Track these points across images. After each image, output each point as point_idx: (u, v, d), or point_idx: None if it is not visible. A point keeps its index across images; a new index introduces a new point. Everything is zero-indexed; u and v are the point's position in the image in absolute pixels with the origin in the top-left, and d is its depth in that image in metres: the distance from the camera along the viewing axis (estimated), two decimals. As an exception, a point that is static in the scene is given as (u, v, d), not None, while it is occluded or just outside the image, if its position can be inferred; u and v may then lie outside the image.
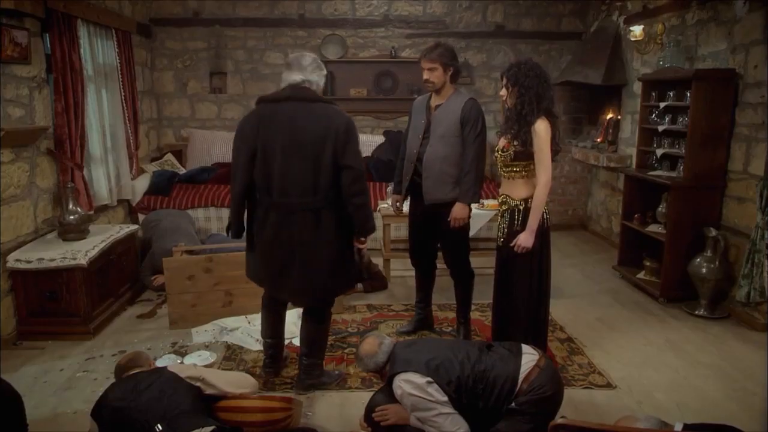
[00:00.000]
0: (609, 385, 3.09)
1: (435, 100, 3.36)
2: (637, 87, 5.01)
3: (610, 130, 5.72)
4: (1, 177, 3.46)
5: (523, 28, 6.33)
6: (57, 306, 3.59)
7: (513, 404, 2.35)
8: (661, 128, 4.47)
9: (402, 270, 4.73)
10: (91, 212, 4.30)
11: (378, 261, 4.70)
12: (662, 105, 4.46)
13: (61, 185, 4.06)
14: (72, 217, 3.85)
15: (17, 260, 3.49)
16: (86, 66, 4.37)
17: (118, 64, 4.96)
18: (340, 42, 6.23)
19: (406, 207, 3.70)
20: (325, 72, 2.92)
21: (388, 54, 6.26)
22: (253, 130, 2.74)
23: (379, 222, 4.96)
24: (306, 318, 3.00)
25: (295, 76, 2.76)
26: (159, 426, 2.11)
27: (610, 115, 5.85)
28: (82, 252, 3.60)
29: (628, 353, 3.48)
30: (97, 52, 4.61)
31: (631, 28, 4.92)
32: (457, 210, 3.26)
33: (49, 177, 4.00)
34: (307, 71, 2.79)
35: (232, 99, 6.35)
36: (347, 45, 6.26)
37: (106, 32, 4.77)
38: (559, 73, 6.02)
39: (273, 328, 3.13)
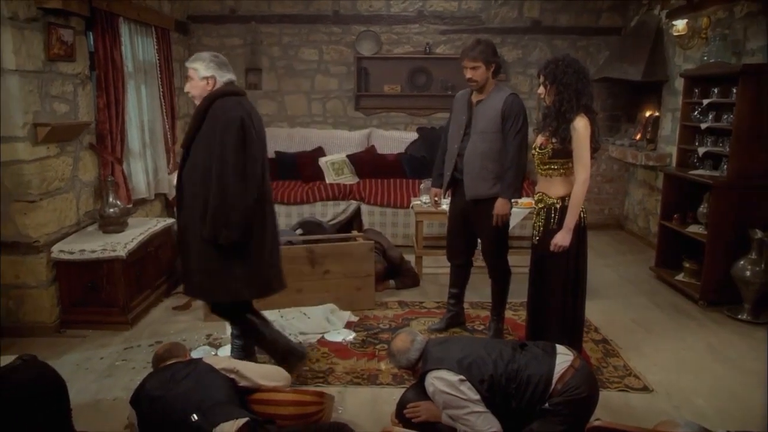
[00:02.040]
0: (645, 389, 3.02)
1: (476, 96, 3.35)
2: (679, 83, 4.87)
3: (649, 128, 5.58)
4: (48, 170, 3.58)
5: (560, 23, 6.22)
6: (97, 296, 3.69)
7: (546, 405, 2.32)
8: (704, 126, 4.33)
9: (434, 267, 4.71)
10: (130, 205, 4.40)
11: (410, 258, 4.69)
12: (706, 102, 4.32)
13: (101, 179, 4.17)
14: (112, 210, 3.95)
15: (61, 251, 3.60)
16: (127, 63, 4.47)
17: (157, 61, 5.06)
18: (375, 38, 6.23)
19: (444, 204, 3.69)
20: None
21: (422, 50, 6.24)
22: (251, 122, 2.71)
23: (411, 219, 4.98)
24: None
25: (232, 74, 2.82)
26: (195, 416, 2.15)
27: (649, 113, 5.70)
28: (122, 244, 3.70)
29: (666, 357, 3.39)
30: (137, 49, 4.71)
31: (674, 23, 4.77)
32: (499, 206, 3.25)
33: (91, 171, 4.12)
34: (233, 71, 2.87)
35: (267, 95, 6.42)
36: (381, 41, 6.25)
37: (146, 30, 4.87)
38: (596, 70, 5.90)
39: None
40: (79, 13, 3.76)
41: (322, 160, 5.80)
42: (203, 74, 2.71)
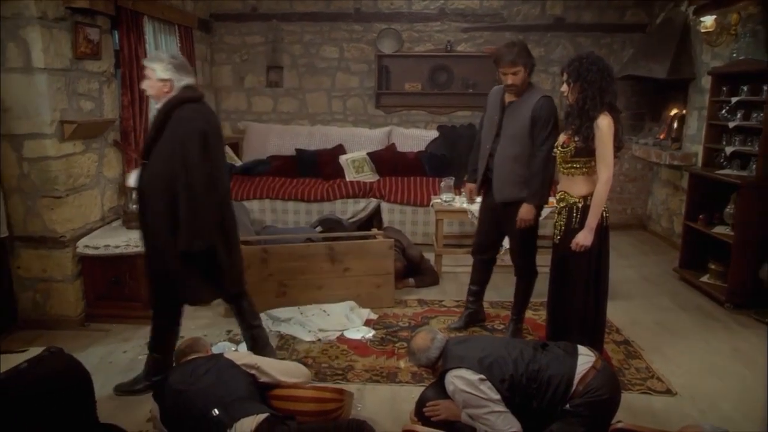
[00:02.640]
0: (669, 392, 2.98)
1: (509, 97, 3.26)
2: (706, 81, 4.78)
3: (674, 127, 5.48)
4: (74, 167, 3.64)
5: (583, 20, 6.14)
6: (121, 291, 3.74)
7: (567, 406, 2.30)
8: (732, 124, 4.24)
9: (453, 266, 4.70)
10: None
11: (430, 256, 4.68)
12: (734, 100, 4.23)
13: (125, 175, 4.23)
14: (135, 206, 4.00)
15: (86, 246, 3.66)
16: (151, 61, 4.53)
17: (181, 59, 5.11)
18: (396, 36, 6.22)
19: (477, 199, 3.70)
20: None
21: (443, 48, 6.21)
22: (212, 130, 2.72)
23: (431, 218, 4.96)
24: None
25: (191, 77, 2.79)
26: (216, 410, 2.17)
27: (674, 111, 5.60)
28: (145, 240, 3.74)
29: (690, 359, 3.33)
30: (161, 47, 4.76)
31: (702, 19, 4.68)
32: (524, 211, 3.21)
33: (115, 167, 4.18)
34: (193, 74, 2.86)
35: (288, 93, 6.45)
36: (402, 39, 6.24)
37: (169, 28, 4.92)
38: (620, 68, 5.81)
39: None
40: (105, 12, 3.82)
41: (342, 158, 5.81)
42: (160, 76, 2.69)
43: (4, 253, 3.55)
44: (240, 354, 2.75)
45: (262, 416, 2.16)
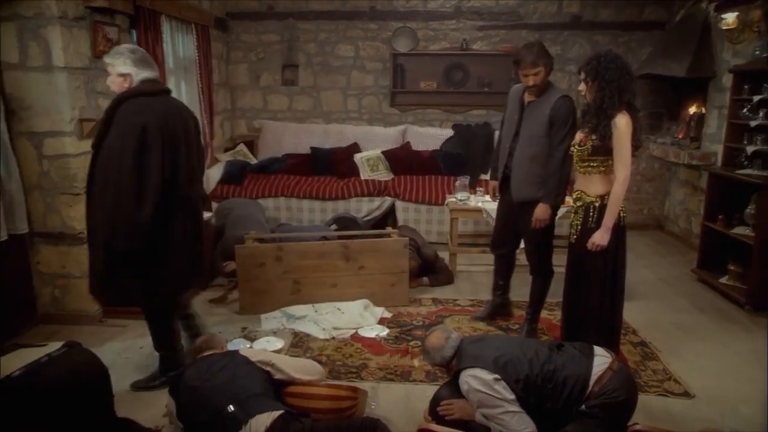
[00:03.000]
0: (686, 394, 2.94)
1: (528, 96, 3.28)
2: (727, 79, 4.71)
3: (693, 126, 5.41)
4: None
5: (601, 18, 6.07)
6: (138, 287, 3.78)
7: (583, 407, 2.28)
8: (753, 123, 4.17)
9: (468, 265, 4.68)
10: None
11: (444, 255, 4.67)
12: (756, 98, 4.16)
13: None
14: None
15: (103, 242, 3.70)
16: (168, 59, 4.57)
17: (197, 58, 5.15)
18: (411, 34, 6.21)
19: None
20: None
21: (458, 46, 6.18)
22: (160, 126, 2.60)
23: (446, 216, 4.95)
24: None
25: (152, 71, 2.74)
26: (231, 407, 2.19)
27: (693, 110, 5.52)
28: (162, 237, 3.77)
29: (709, 362, 3.28)
30: (178, 46, 4.81)
31: (723, 16, 4.60)
32: (540, 211, 3.23)
33: (133, 165, 4.21)
34: (155, 67, 2.81)
35: (304, 91, 6.47)
36: (418, 37, 6.22)
37: (186, 27, 4.96)
38: (638, 66, 5.74)
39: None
40: (123, 11, 3.86)
41: (357, 157, 5.81)
42: (119, 71, 2.65)
43: (24, 248, 3.60)
44: (255, 351, 2.77)
45: (277, 413, 2.17)
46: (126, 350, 3.39)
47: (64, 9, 3.37)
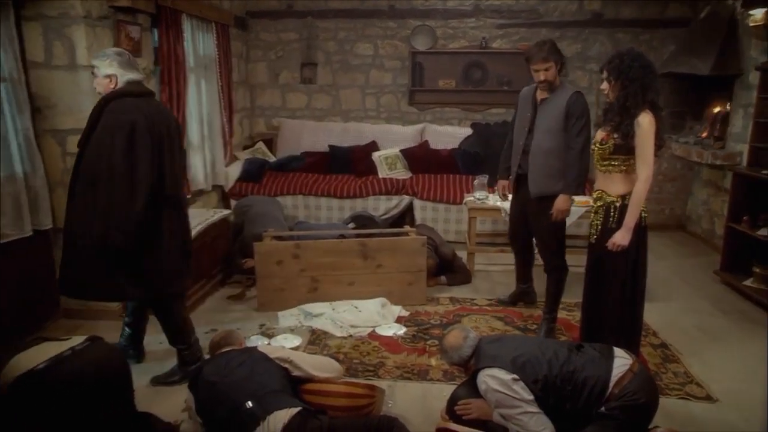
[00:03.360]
0: (709, 398, 2.89)
1: (541, 94, 3.37)
2: (754, 77, 4.61)
3: (717, 125, 5.31)
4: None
5: (622, 16, 5.99)
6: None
7: (602, 409, 2.26)
8: (780, 123, 4.09)
9: (486, 264, 4.66)
10: (189, 196, 4.54)
11: (462, 254, 4.65)
12: (783, 97, 4.08)
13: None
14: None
15: (125, 239, 3.74)
16: (188, 58, 4.61)
17: (217, 56, 5.19)
18: (430, 33, 6.19)
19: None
20: None
21: (478, 45, 6.14)
22: (147, 125, 2.65)
23: (464, 215, 4.93)
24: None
25: (137, 73, 2.79)
26: (249, 403, 2.20)
27: (717, 109, 5.42)
28: (182, 233, 3.81)
29: (732, 366, 3.22)
30: (198, 44, 4.85)
31: (751, 12, 4.50)
32: (560, 202, 3.30)
33: (154, 162, 4.26)
34: (140, 70, 2.85)
35: (322, 89, 6.49)
36: (437, 36, 6.20)
37: (206, 26, 5.00)
38: (660, 64, 5.65)
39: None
40: (145, 11, 3.90)
41: (375, 155, 5.82)
42: (105, 72, 2.71)
43: (47, 243, 3.66)
44: (273, 347, 2.79)
45: (295, 410, 2.18)
46: (146, 345, 3.42)
47: (88, 9, 3.42)
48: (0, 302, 3.25)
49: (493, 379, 2.30)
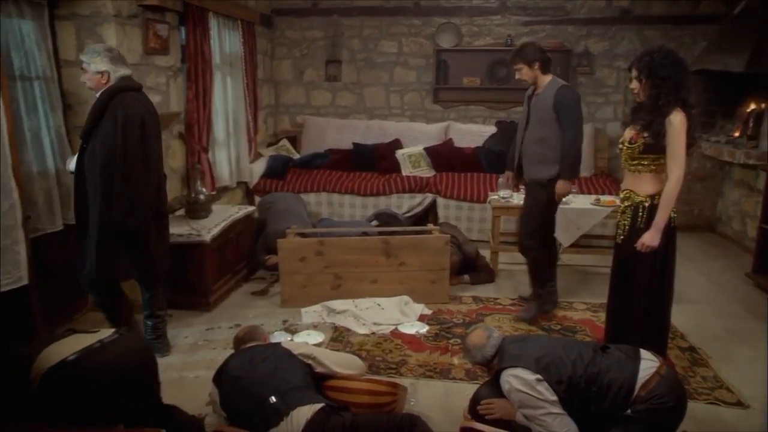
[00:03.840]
0: (740, 404, 2.82)
1: (532, 90, 3.69)
2: (790, 75, 4.48)
3: (751, 124, 5.17)
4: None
5: (652, 12, 5.87)
6: (183, 278, 3.87)
7: (628, 412, 2.22)
8: (816, 121, 3.96)
9: (509, 263, 4.62)
10: (214, 192, 4.60)
11: (485, 253, 4.62)
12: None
13: (189, 166, 4.38)
14: (198, 196, 4.13)
15: (152, 234, 3.81)
16: (215, 55, 4.66)
17: (242, 54, 5.24)
18: (455, 30, 6.15)
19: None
20: None
21: (503, 42, 6.08)
22: (151, 118, 2.93)
23: (488, 214, 4.89)
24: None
25: (127, 68, 2.90)
26: (273, 398, 2.22)
27: (752, 107, 5.28)
28: (206, 229, 3.87)
29: (764, 370, 3.13)
30: (224, 42, 4.90)
31: (786, 8, 4.38)
32: (560, 186, 3.54)
33: (179, 158, 4.33)
34: (129, 65, 2.97)
35: (346, 87, 6.50)
36: (462, 33, 6.16)
37: (232, 24, 5.05)
38: (691, 62, 5.52)
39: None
40: (173, 9, 3.96)
41: (399, 153, 5.81)
42: (97, 68, 2.82)
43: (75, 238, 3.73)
44: (297, 344, 2.81)
45: (318, 406, 2.19)
46: (171, 339, 3.47)
47: (118, 8, 3.49)
48: (32, 294, 3.33)
49: (516, 379, 2.28)
